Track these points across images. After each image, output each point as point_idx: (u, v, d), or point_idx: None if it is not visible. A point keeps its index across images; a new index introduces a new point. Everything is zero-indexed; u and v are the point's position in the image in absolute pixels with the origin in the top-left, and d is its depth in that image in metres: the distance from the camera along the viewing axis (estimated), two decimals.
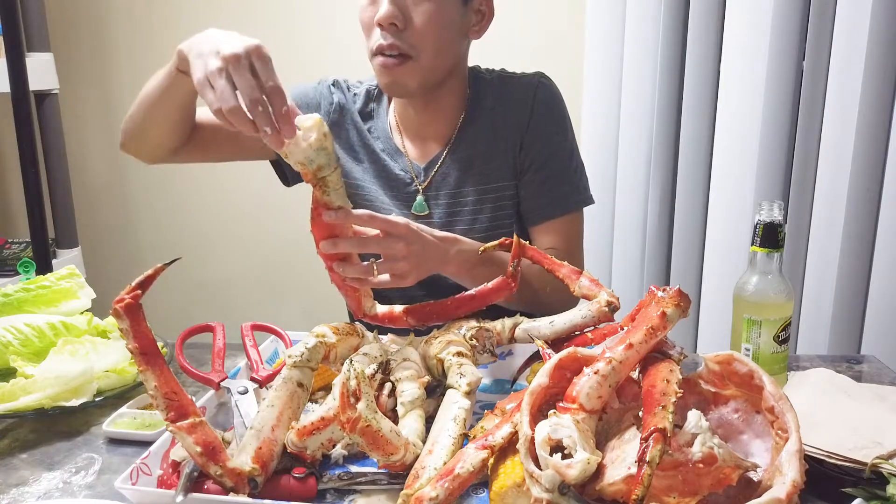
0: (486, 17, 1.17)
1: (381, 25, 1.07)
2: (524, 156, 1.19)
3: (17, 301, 1.08)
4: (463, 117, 1.21)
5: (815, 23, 1.49)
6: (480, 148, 1.20)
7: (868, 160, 1.44)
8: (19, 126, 1.77)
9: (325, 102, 1.26)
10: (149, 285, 0.74)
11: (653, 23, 1.78)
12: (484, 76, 1.24)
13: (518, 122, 1.19)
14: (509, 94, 1.21)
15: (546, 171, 1.19)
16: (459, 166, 1.21)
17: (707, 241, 1.73)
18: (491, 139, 1.20)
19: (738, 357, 0.70)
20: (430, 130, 1.22)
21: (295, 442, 0.73)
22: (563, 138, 1.21)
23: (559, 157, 1.20)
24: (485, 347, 0.93)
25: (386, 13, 1.05)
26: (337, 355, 0.89)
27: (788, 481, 0.60)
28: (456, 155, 1.21)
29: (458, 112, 1.22)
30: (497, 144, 1.20)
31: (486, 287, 0.97)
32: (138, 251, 2.46)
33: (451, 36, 1.12)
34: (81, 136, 2.38)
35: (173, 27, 2.25)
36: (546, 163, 1.19)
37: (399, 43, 1.07)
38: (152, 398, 0.72)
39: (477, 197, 1.20)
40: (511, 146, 1.19)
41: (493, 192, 1.20)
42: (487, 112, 1.21)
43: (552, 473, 0.61)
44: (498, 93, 1.22)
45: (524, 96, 1.20)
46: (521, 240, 1.00)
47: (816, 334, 1.56)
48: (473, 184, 1.20)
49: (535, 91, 1.20)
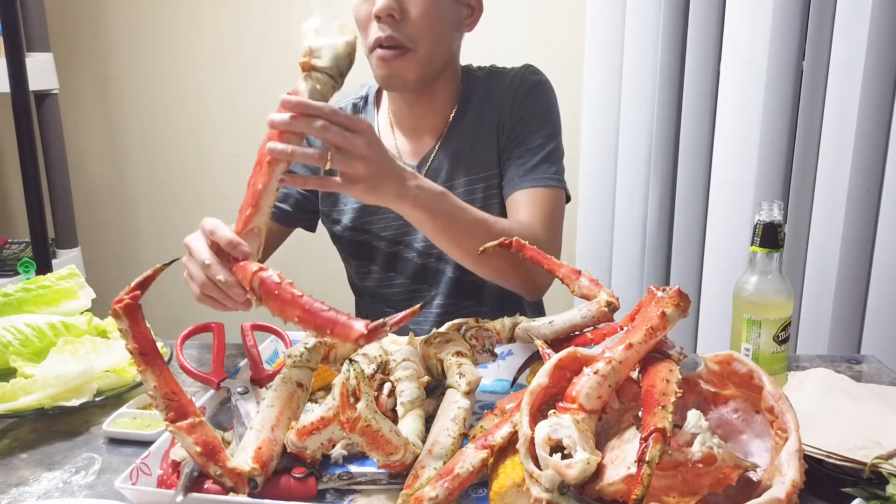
0: (475, 10, 1.20)
1: (379, 18, 1.08)
2: (505, 137, 1.22)
3: (17, 301, 1.08)
4: (454, 112, 1.24)
5: (815, 23, 1.49)
6: (468, 139, 1.23)
7: (868, 160, 1.44)
8: (19, 126, 1.77)
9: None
10: (148, 286, 0.74)
11: (653, 23, 1.78)
12: (475, 73, 1.28)
13: (502, 108, 1.22)
14: (497, 85, 1.24)
15: (523, 147, 1.20)
16: (450, 160, 1.23)
17: (707, 241, 1.73)
18: (478, 130, 1.23)
19: (738, 357, 0.70)
20: (423, 125, 1.25)
21: (295, 442, 0.73)
22: (546, 119, 1.22)
23: (538, 134, 1.21)
24: (484, 347, 0.93)
25: (383, 5, 1.07)
26: (337, 355, 0.89)
27: (788, 481, 0.60)
28: (447, 149, 1.24)
29: (450, 106, 1.24)
30: (483, 133, 1.23)
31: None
32: (138, 251, 2.46)
33: (446, 27, 1.15)
34: (81, 136, 2.38)
35: (173, 27, 2.26)
36: (524, 139, 1.20)
37: (397, 34, 1.09)
38: (152, 398, 0.72)
39: (467, 188, 1.22)
40: (496, 131, 1.22)
41: (482, 181, 1.23)
42: (476, 104, 1.24)
43: (552, 473, 0.61)
44: (486, 86, 1.25)
45: (510, 84, 1.23)
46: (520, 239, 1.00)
47: (816, 334, 1.56)
48: (464, 175, 1.23)
49: (520, 78, 1.23)
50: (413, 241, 1.26)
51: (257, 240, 0.84)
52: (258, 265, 0.78)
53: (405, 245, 1.27)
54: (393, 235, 1.26)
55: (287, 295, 0.73)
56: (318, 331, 0.71)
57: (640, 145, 1.86)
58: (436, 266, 1.27)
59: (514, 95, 1.22)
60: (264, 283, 0.75)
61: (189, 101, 2.32)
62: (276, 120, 0.83)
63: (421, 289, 1.28)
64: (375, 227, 1.27)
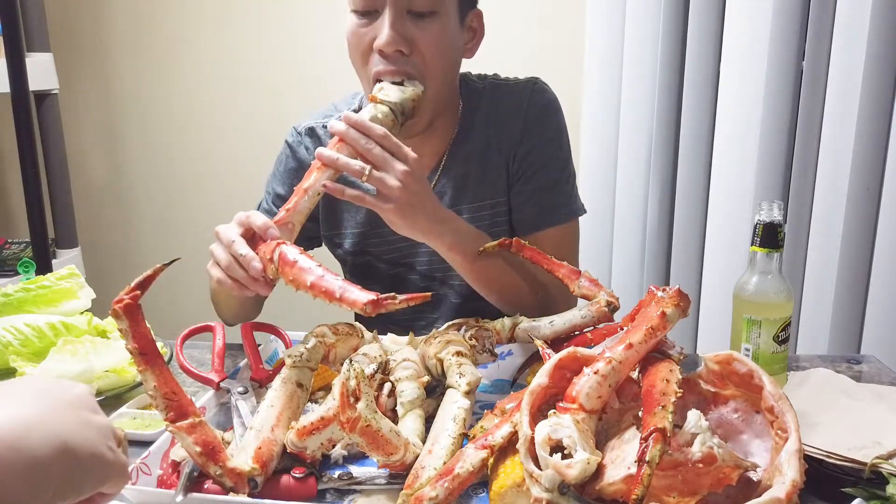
0: (477, 34, 1.12)
1: (384, 53, 0.99)
2: (516, 166, 1.15)
3: (17, 301, 1.08)
4: (456, 132, 1.16)
5: (815, 23, 1.49)
6: (474, 164, 1.16)
7: (868, 160, 1.44)
8: (19, 126, 1.77)
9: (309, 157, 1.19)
10: (148, 286, 0.74)
11: (653, 23, 1.78)
12: (475, 84, 1.19)
13: (511, 133, 1.14)
14: (502, 103, 1.16)
15: (537, 182, 1.15)
16: (454, 184, 1.17)
17: (707, 241, 1.73)
18: (484, 154, 1.16)
19: (738, 357, 0.70)
20: (424, 150, 1.12)
21: (295, 442, 0.73)
22: (557, 147, 1.16)
23: (552, 167, 1.15)
24: (484, 347, 0.93)
25: (388, 39, 0.97)
26: (336, 355, 0.89)
27: (788, 481, 0.60)
28: (451, 173, 1.17)
29: (451, 127, 1.16)
30: (490, 159, 1.15)
31: None
32: (138, 251, 2.46)
33: (455, 58, 1.09)
34: (81, 136, 2.38)
35: (173, 27, 2.26)
36: (537, 173, 1.15)
37: (405, 67, 1.00)
38: (152, 398, 0.72)
39: (473, 214, 1.16)
40: (504, 159, 1.15)
41: (489, 208, 1.17)
42: (481, 125, 1.16)
43: (552, 473, 0.61)
44: (490, 102, 1.17)
45: (518, 105, 1.15)
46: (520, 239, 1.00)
47: (816, 334, 1.56)
48: (469, 201, 1.16)
49: (528, 98, 1.15)
50: (415, 263, 1.21)
51: (290, 235, 0.91)
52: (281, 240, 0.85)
53: (407, 267, 1.22)
54: (395, 258, 1.22)
55: (303, 262, 0.80)
56: (328, 296, 0.77)
57: (640, 145, 1.86)
58: (439, 289, 1.22)
59: (525, 120, 1.14)
60: (283, 253, 0.82)
61: (189, 101, 2.32)
62: (335, 127, 0.91)
63: (423, 310, 1.24)
64: (377, 249, 1.22)
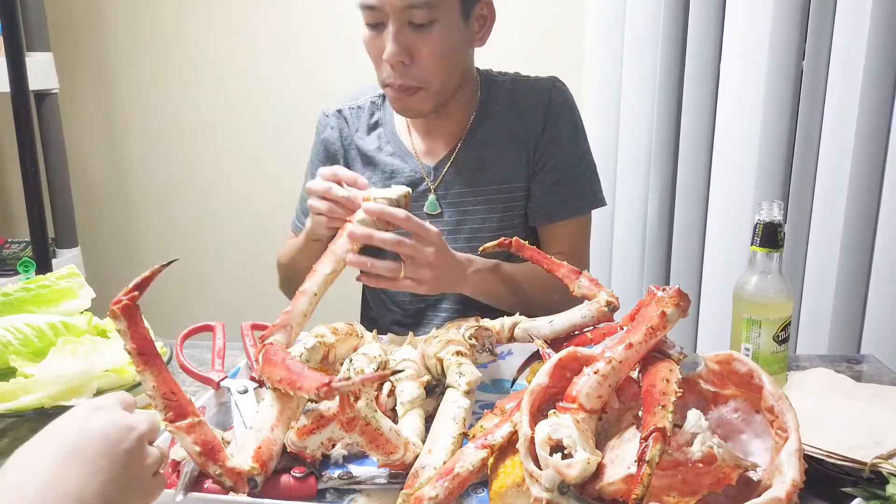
0: (488, 20, 1.18)
1: (389, 63, 1.09)
2: (538, 158, 1.21)
3: (17, 301, 1.07)
4: (473, 117, 1.23)
5: (815, 23, 1.49)
6: (493, 149, 1.22)
7: (868, 160, 1.44)
8: (19, 126, 1.77)
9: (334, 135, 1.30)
10: (146, 286, 0.74)
11: (653, 23, 1.78)
12: (496, 79, 1.26)
13: (533, 126, 1.21)
14: (523, 96, 1.23)
15: (556, 174, 1.21)
16: (470, 166, 1.22)
17: (707, 241, 1.73)
18: (504, 141, 1.21)
19: (738, 357, 0.70)
20: (440, 130, 1.24)
21: (295, 441, 0.73)
22: (576, 142, 1.23)
23: (570, 161, 1.22)
24: (484, 346, 0.93)
25: (392, 53, 1.07)
26: (336, 355, 0.89)
27: (788, 481, 0.60)
28: (466, 154, 1.22)
29: (468, 112, 1.23)
30: (510, 147, 1.21)
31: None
32: (138, 251, 2.46)
33: (458, 57, 1.14)
34: (81, 136, 2.38)
35: (174, 27, 2.26)
36: (557, 166, 1.21)
37: (408, 81, 1.10)
38: (151, 398, 0.72)
39: (488, 197, 1.22)
40: (525, 149, 1.21)
41: (505, 192, 1.22)
42: (500, 114, 1.22)
43: (552, 473, 0.61)
44: (511, 95, 1.23)
45: (539, 100, 1.21)
46: (519, 239, 1.00)
47: (816, 334, 1.56)
48: (485, 184, 1.22)
49: (549, 95, 1.22)
50: None
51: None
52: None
53: None
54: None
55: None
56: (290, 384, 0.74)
57: (640, 145, 1.86)
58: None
59: (546, 115, 1.21)
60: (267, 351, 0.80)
61: (189, 101, 2.32)
62: (358, 233, 0.93)
63: (426, 297, 1.26)
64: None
